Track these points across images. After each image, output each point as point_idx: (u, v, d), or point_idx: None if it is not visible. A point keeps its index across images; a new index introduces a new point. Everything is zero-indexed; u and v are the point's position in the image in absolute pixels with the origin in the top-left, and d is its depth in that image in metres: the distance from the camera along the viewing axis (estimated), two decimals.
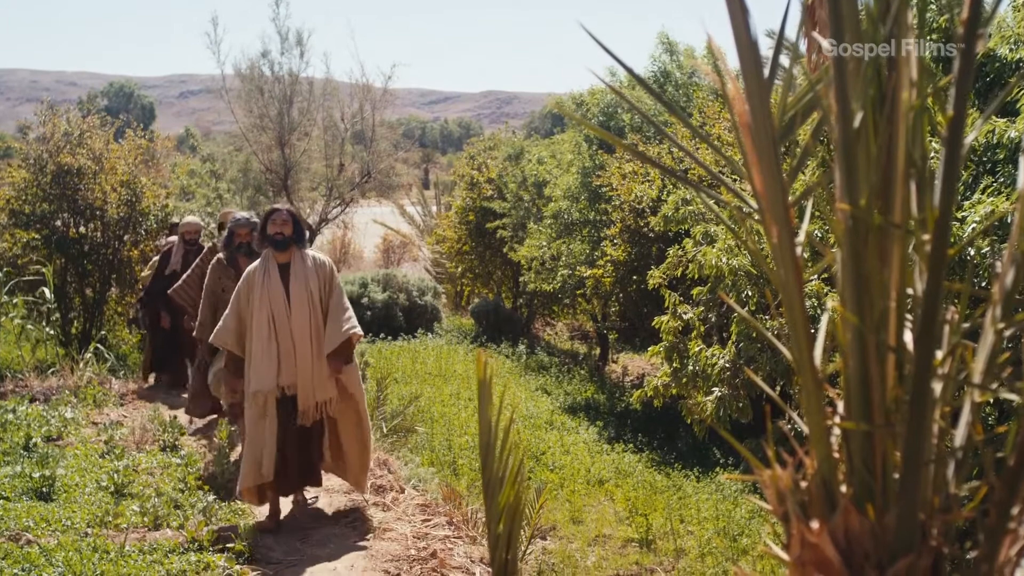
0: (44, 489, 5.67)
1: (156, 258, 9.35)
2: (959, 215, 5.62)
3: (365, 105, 19.27)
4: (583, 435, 9.18)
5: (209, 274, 6.65)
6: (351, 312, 5.67)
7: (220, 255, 6.63)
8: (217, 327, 5.60)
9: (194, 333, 6.82)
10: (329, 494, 6.31)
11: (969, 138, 1.21)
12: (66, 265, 10.54)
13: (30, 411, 7.49)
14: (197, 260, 7.75)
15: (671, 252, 8.86)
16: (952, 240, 1.25)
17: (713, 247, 7.72)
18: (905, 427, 1.20)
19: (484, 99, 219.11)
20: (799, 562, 1.27)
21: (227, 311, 5.59)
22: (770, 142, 1.24)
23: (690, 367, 7.85)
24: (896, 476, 1.23)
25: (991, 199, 5.66)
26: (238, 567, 4.62)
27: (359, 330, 5.67)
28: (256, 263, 5.58)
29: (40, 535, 4.94)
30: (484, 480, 1.99)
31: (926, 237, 1.20)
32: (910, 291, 1.24)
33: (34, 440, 6.66)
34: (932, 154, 4.61)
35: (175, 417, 7.72)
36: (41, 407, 7.73)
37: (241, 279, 5.60)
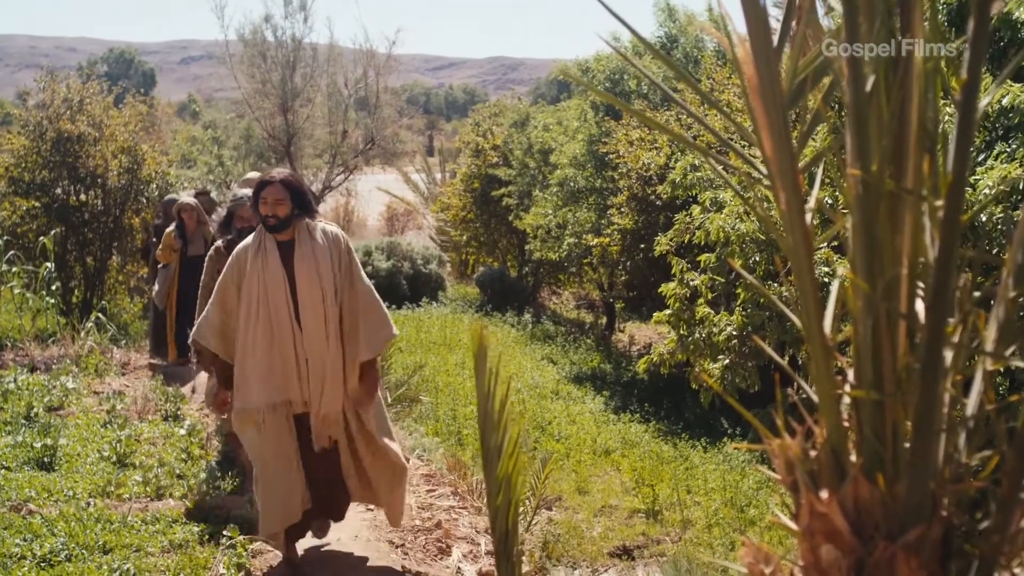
0: (46, 459, 5.63)
1: (172, 227, 8.18)
2: (971, 181, 5.52)
3: (369, 71, 19.09)
4: (589, 405, 9.13)
5: (205, 267, 5.19)
6: (377, 303, 4.38)
7: (218, 243, 5.28)
8: (198, 321, 4.30)
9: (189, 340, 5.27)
10: None
11: (983, 103, 1.20)
12: (66, 233, 10.45)
13: (31, 381, 7.44)
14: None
15: (678, 218, 8.74)
16: (964, 206, 1.27)
17: (721, 213, 7.61)
18: (916, 396, 1.19)
19: (489, 65, 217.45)
20: (808, 532, 1.26)
21: (210, 301, 4.25)
22: (780, 106, 1.23)
23: (697, 334, 7.77)
24: (907, 445, 1.22)
25: (1004, 165, 5.54)
26: (241, 537, 4.57)
27: (394, 328, 4.45)
28: (248, 239, 4.27)
29: (42, 505, 4.90)
30: (483, 451, 1.98)
31: (939, 203, 1.19)
32: (921, 258, 1.23)
33: (35, 410, 6.61)
34: (946, 118, 4.51)
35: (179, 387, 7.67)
36: (42, 377, 7.69)
37: (230, 260, 4.25)
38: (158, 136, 13.37)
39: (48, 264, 9.64)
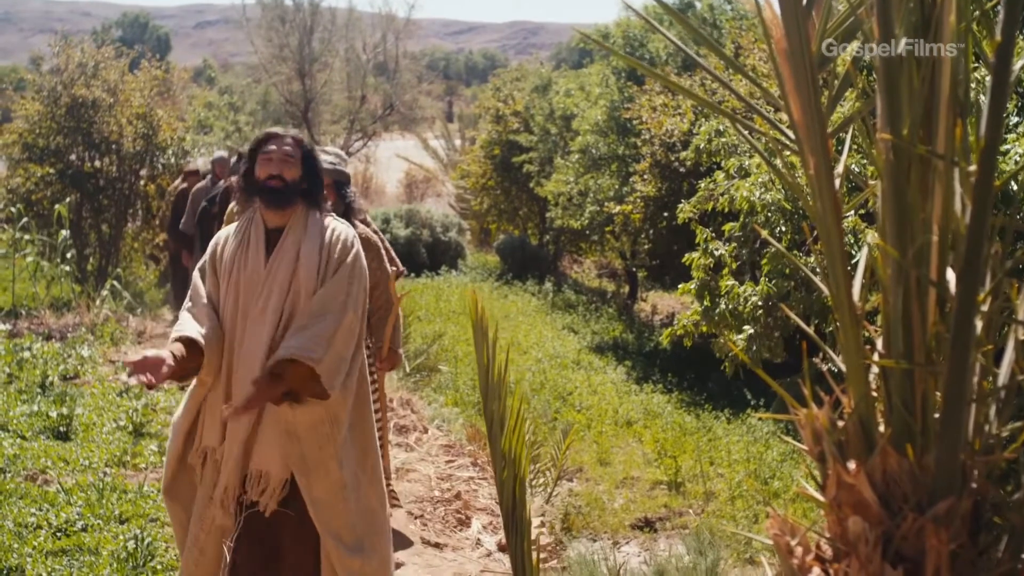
0: (61, 428, 5.63)
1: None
2: (1003, 147, 5.34)
3: (388, 35, 18.92)
4: (611, 375, 9.02)
5: None
6: (332, 324, 2.87)
7: None
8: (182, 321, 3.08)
9: None
10: None
11: (1018, 66, 1.18)
12: (81, 200, 10.39)
13: (46, 349, 7.43)
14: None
15: (702, 185, 8.55)
16: (996, 173, 1.24)
17: (746, 181, 7.42)
18: (946, 366, 1.18)
19: (510, 29, 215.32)
20: (835, 504, 1.26)
21: (193, 304, 3.08)
22: (809, 70, 1.21)
23: (722, 305, 7.61)
24: (936, 416, 1.22)
25: None
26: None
27: (316, 356, 2.81)
28: (232, 226, 3.13)
29: (58, 475, 4.88)
30: (487, 425, 1.96)
31: (971, 169, 1.16)
32: (952, 225, 1.22)
33: (51, 379, 6.60)
34: (980, 81, 4.34)
35: None
36: (57, 345, 7.67)
37: (207, 251, 3.14)
38: (173, 101, 13.22)
39: (64, 231, 9.57)
